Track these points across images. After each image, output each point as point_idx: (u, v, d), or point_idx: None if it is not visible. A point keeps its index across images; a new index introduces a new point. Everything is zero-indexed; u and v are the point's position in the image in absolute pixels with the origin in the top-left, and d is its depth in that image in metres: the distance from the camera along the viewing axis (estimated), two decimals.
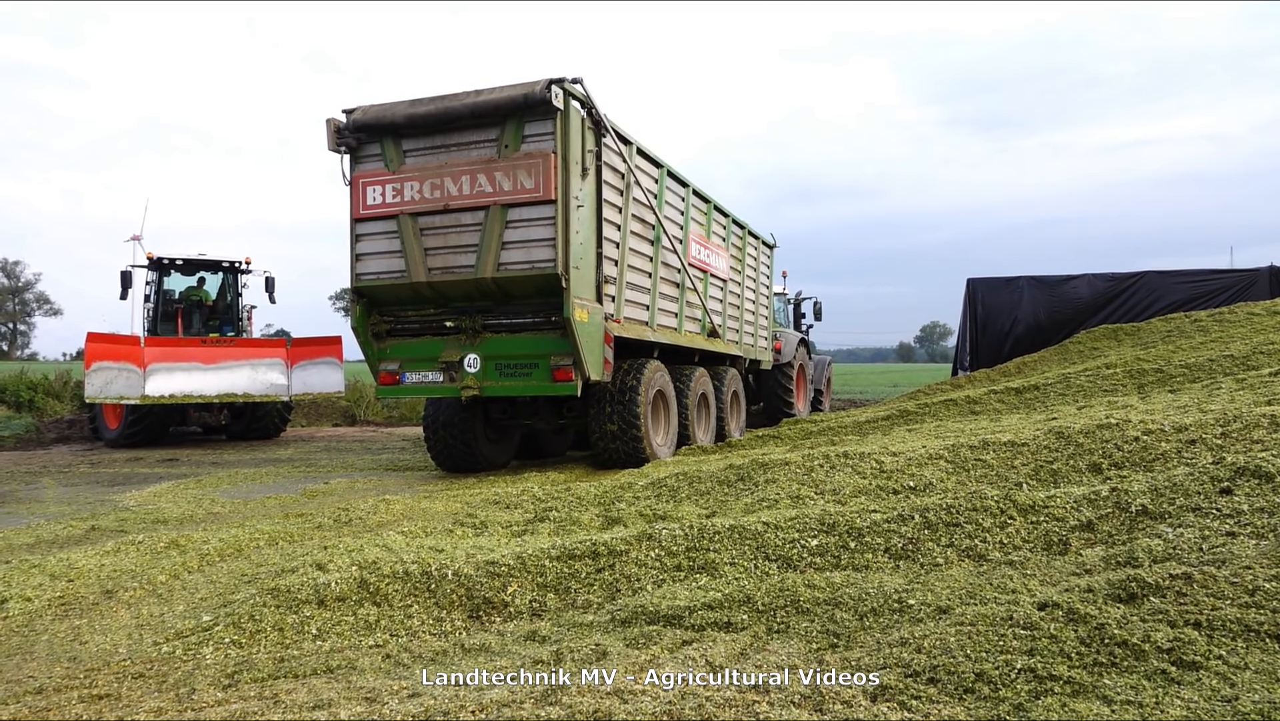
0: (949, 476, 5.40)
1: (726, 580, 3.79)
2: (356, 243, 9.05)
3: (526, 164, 8.30)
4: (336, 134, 8.95)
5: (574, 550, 4.19)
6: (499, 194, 8.42)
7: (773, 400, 16.60)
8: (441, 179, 8.62)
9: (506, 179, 8.37)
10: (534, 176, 8.28)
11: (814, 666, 2.79)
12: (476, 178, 8.49)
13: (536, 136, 8.37)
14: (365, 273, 9.03)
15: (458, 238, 8.62)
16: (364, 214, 8.96)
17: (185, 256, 16.48)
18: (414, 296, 8.92)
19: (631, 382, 9.48)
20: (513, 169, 8.34)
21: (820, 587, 3.48)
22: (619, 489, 6.34)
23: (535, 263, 8.30)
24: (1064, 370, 12.72)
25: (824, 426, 11.23)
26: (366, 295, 9.10)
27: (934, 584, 3.43)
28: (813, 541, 4.07)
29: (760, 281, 15.49)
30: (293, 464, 11.81)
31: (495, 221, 8.41)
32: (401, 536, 5.13)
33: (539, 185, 8.25)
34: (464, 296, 8.80)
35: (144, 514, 7.39)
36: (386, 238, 8.90)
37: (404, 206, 8.77)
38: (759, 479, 5.86)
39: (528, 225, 8.35)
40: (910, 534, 4.03)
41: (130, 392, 14.01)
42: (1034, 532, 3.96)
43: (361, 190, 8.95)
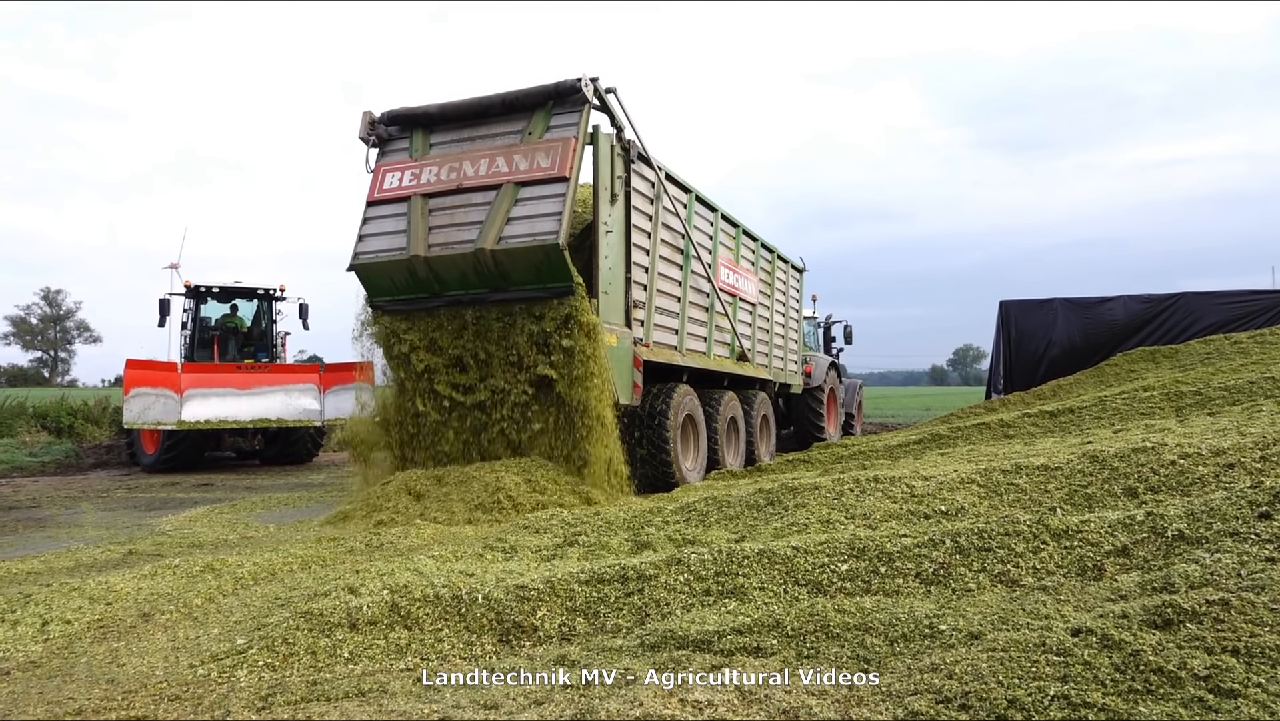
0: (981, 501, 5.35)
1: (756, 605, 3.78)
2: (363, 225, 8.87)
3: (546, 146, 8.28)
4: (370, 125, 9.06)
5: (603, 574, 4.20)
6: (514, 173, 8.30)
7: (803, 424, 16.53)
8: (460, 162, 8.59)
9: (524, 159, 8.32)
10: (551, 156, 8.20)
11: (844, 692, 2.78)
12: (495, 160, 8.45)
13: (562, 126, 8.40)
14: (364, 251, 8.76)
15: (464, 215, 8.42)
16: (378, 197, 8.86)
17: (221, 284, 16.79)
18: (408, 278, 8.53)
19: (660, 407, 9.49)
20: (532, 151, 8.32)
21: (850, 613, 3.47)
22: (648, 513, 6.34)
23: (537, 234, 7.98)
24: (1100, 393, 12.56)
25: (855, 450, 11.16)
26: (361, 278, 8.80)
27: (966, 609, 3.40)
28: (843, 566, 4.05)
29: (790, 305, 15.48)
30: (325, 489, 11.93)
31: (505, 199, 8.24)
32: (432, 560, 5.17)
33: (555, 164, 8.15)
34: (460, 277, 8.37)
35: (180, 538, 7.50)
36: (394, 219, 8.74)
37: (418, 189, 8.65)
38: (789, 503, 5.84)
39: (537, 201, 8.18)
40: (942, 558, 4.01)
41: (167, 418, 14.26)
42: (1068, 558, 3.91)
43: (380, 177, 8.94)
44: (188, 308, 16.52)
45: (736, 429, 11.69)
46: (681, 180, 10.28)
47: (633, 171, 8.98)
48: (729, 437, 11.41)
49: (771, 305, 14.18)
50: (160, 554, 6.72)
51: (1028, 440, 9.21)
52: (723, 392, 11.32)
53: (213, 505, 10.09)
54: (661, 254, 9.83)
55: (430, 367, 8.71)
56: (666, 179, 9.81)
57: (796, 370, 15.85)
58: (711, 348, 11.40)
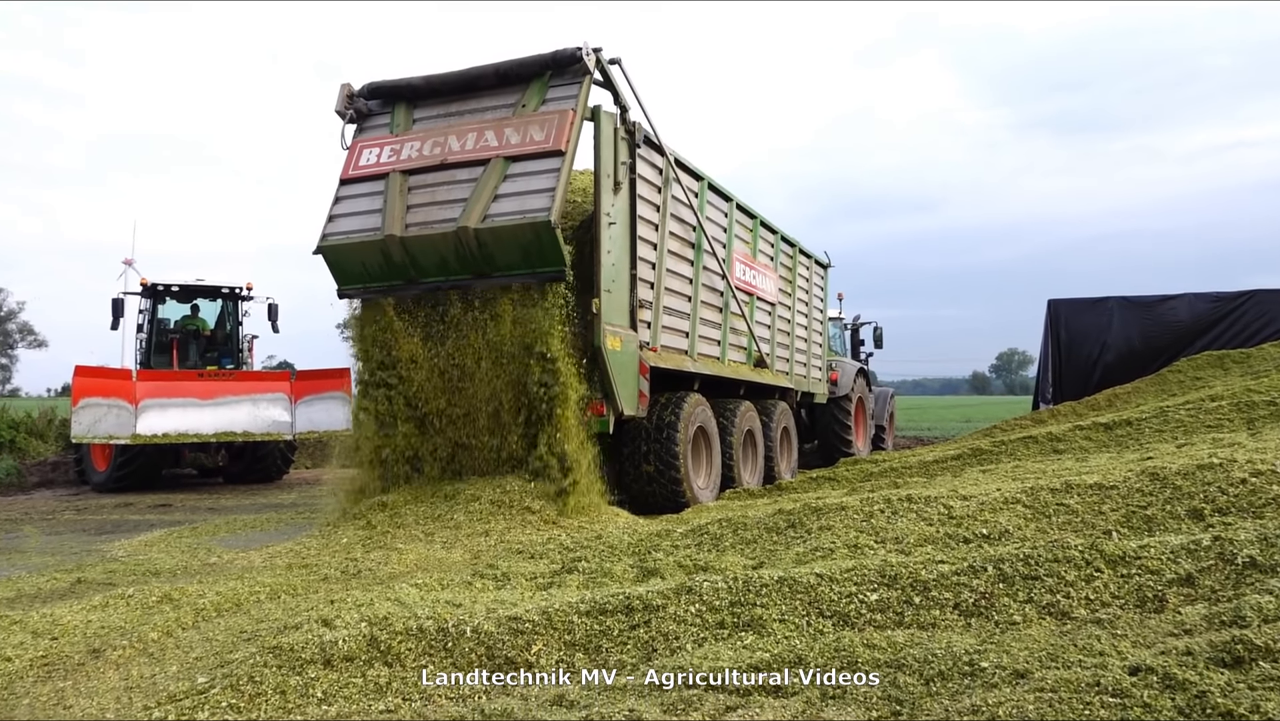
0: (1027, 523, 5.34)
1: (775, 639, 3.78)
2: (334, 205, 8.84)
3: (541, 119, 8.29)
4: (348, 98, 9.07)
5: (605, 605, 4.20)
6: (504, 147, 8.30)
7: (828, 437, 16.53)
8: (445, 137, 8.59)
9: (516, 133, 8.32)
10: (546, 129, 8.20)
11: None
12: (484, 134, 8.46)
13: (560, 99, 8.43)
14: (333, 232, 8.71)
15: (447, 193, 8.39)
16: (352, 175, 8.85)
17: (181, 283, 16.84)
18: (382, 263, 8.50)
19: (669, 418, 9.50)
20: (525, 124, 8.33)
21: (881, 648, 3.47)
22: (655, 537, 6.34)
23: (527, 212, 7.94)
24: (1161, 403, 12.53)
25: (886, 467, 11.15)
26: (329, 262, 8.76)
27: (1010, 644, 3.39)
28: (872, 596, 4.05)
29: (813, 305, 15.49)
30: (296, 510, 11.94)
31: (493, 174, 8.22)
32: (415, 589, 5.17)
33: (550, 137, 8.15)
34: (439, 261, 8.34)
35: (134, 565, 7.51)
36: (370, 198, 8.71)
37: (398, 165, 8.62)
38: (812, 525, 5.83)
39: (528, 177, 8.16)
40: (983, 588, 4.00)
41: (121, 431, 14.28)
42: (1125, 587, 3.90)
43: (356, 153, 8.95)
44: (144, 308, 16.57)
45: (754, 443, 11.69)
46: (693, 167, 10.30)
47: (638, 156, 9.00)
48: (745, 452, 11.41)
49: (793, 305, 14.19)
50: (112, 582, 6.74)
51: (1080, 455, 9.18)
52: (739, 402, 11.32)
53: (171, 528, 10.11)
54: (670, 248, 9.85)
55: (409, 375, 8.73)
56: (676, 165, 9.83)
57: (821, 377, 15.85)
58: (726, 352, 11.40)
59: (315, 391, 15.92)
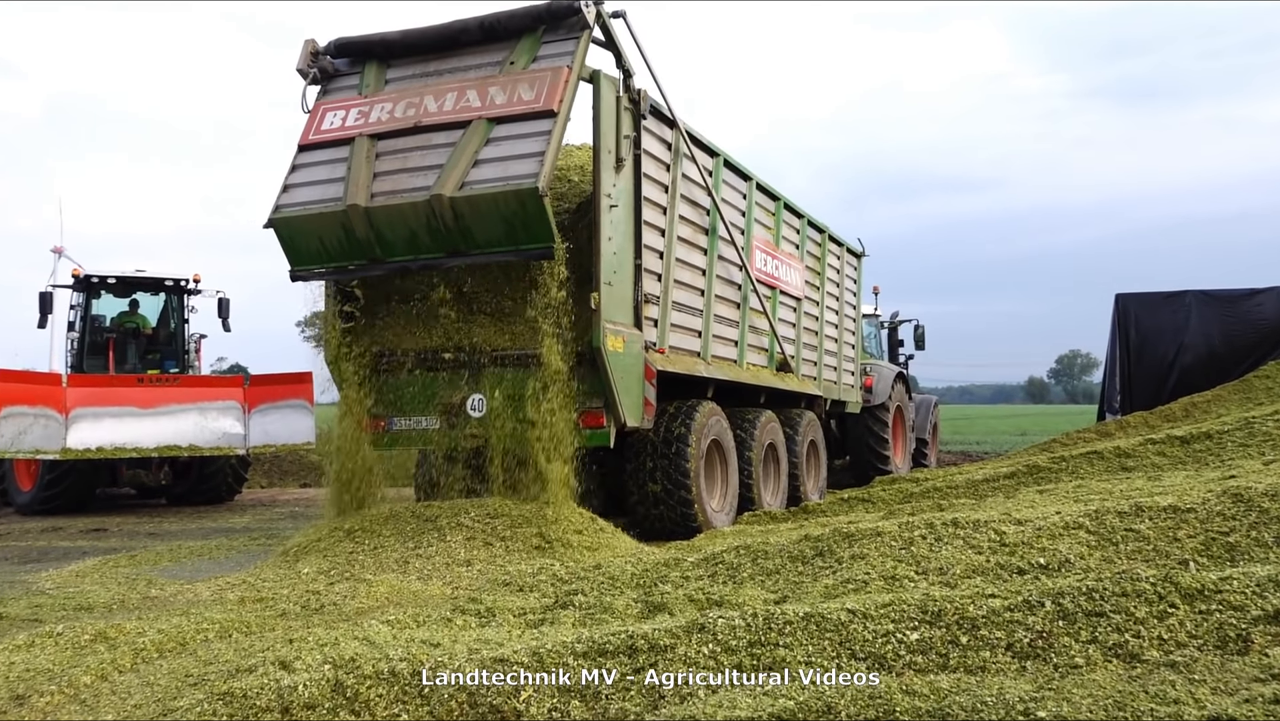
0: (1091, 552, 5.34)
1: (801, 684, 3.78)
2: (291, 174, 8.83)
3: (531, 76, 8.31)
4: (311, 56, 9.04)
5: (605, 645, 4.21)
6: (488, 108, 8.30)
7: (862, 452, 16.52)
8: (421, 97, 8.60)
9: (502, 92, 8.33)
10: (537, 88, 8.20)
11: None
12: (465, 94, 8.46)
13: (554, 55, 8.45)
14: (288, 203, 8.66)
15: (420, 158, 8.35)
16: (313, 140, 8.85)
17: (119, 274, 16.85)
18: (342, 238, 8.43)
19: (680, 430, 9.50)
20: (513, 83, 8.33)
21: (922, 695, 3.46)
22: (663, 566, 6.34)
23: (511, 178, 7.89)
24: (1246, 413, 12.50)
25: (928, 486, 11.15)
26: (280, 237, 8.71)
27: (1071, 691, 3.39)
28: (913, 635, 4.05)
29: (845, 300, 15.50)
30: (250, 535, 11.97)
31: (474, 137, 8.20)
32: (387, 627, 5.18)
33: (540, 96, 8.14)
34: (408, 237, 8.29)
35: (64, 598, 7.53)
36: (332, 165, 8.68)
37: (365, 129, 8.61)
38: (843, 554, 5.83)
39: (514, 141, 8.14)
40: (1040, 626, 4.00)
41: (48, 445, 14.29)
42: (1203, 626, 3.90)
43: (318, 117, 8.95)
44: (76, 303, 16.59)
45: (776, 458, 11.69)
46: (706, 141, 10.30)
47: (644, 129, 9.00)
48: (766, 469, 11.41)
49: (821, 300, 14.20)
50: (38, 618, 6.75)
51: (1152, 474, 9.18)
52: (759, 412, 11.33)
53: (106, 556, 10.13)
54: (680, 234, 9.85)
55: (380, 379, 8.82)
56: (687, 138, 9.83)
57: (853, 383, 15.85)
58: (744, 355, 11.41)
59: (272, 399, 15.93)
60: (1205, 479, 7.49)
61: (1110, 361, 19.49)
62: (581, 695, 3.95)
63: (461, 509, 8.32)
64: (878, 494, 11.43)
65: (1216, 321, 18.57)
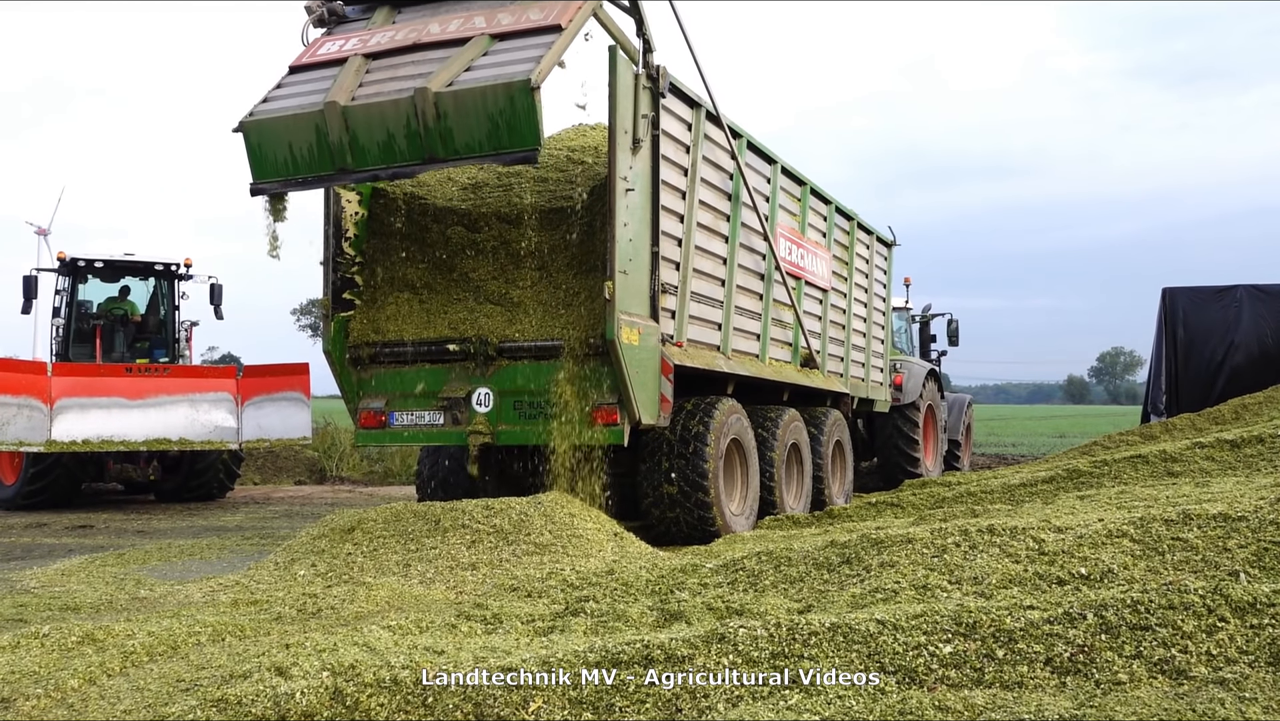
0: (1136, 562, 5.32)
1: (827, 699, 3.78)
2: (273, 89, 8.75)
3: (541, 4, 8.28)
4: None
5: (619, 655, 4.21)
6: (492, 27, 8.31)
7: (891, 454, 16.50)
8: (425, 24, 8.62)
9: (510, 16, 8.33)
10: (546, 10, 8.21)
11: None
12: (472, 19, 8.46)
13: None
14: (261, 110, 8.54)
15: (412, 69, 8.28)
16: (305, 63, 8.79)
17: (107, 258, 16.91)
18: (313, 144, 8.27)
19: (698, 429, 9.50)
20: (523, 8, 8.34)
21: (956, 711, 3.46)
22: (679, 573, 6.34)
23: (502, 74, 7.81)
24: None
25: (961, 491, 11.11)
26: (249, 144, 8.54)
27: (1114, 709, 3.39)
28: (946, 648, 4.04)
29: (874, 292, 15.48)
30: (243, 534, 12.02)
31: (472, 49, 8.16)
32: (388, 632, 5.20)
33: (549, 15, 8.13)
34: (385, 141, 8.12)
35: (49, 598, 7.57)
36: (318, 82, 8.57)
37: (362, 50, 8.57)
38: (871, 561, 5.83)
39: (513, 51, 8.07)
40: (1081, 640, 3.99)
41: (33, 437, 14.35)
42: (1255, 640, 3.89)
43: (316, 45, 8.91)
44: (62, 288, 16.68)
45: (799, 459, 11.68)
46: (729, 122, 10.28)
47: (663, 109, 8.99)
48: (789, 471, 11.41)
49: (849, 292, 14.17)
50: (23, 619, 6.79)
51: (1200, 479, 9.14)
52: (781, 410, 11.32)
53: (93, 554, 10.19)
54: (700, 221, 9.84)
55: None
56: (708, 119, 9.82)
57: (882, 381, 15.82)
58: (767, 349, 11.40)
59: (266, 391, 15.97)
60: (1257, 485, 7.45)
61: (1156, 360, 19.42)
62: (593, 706, 3.96)
63: (465, 509, 8.34)
64: (907, 498, 11.41)
65: (1269, 318, 18.47)
